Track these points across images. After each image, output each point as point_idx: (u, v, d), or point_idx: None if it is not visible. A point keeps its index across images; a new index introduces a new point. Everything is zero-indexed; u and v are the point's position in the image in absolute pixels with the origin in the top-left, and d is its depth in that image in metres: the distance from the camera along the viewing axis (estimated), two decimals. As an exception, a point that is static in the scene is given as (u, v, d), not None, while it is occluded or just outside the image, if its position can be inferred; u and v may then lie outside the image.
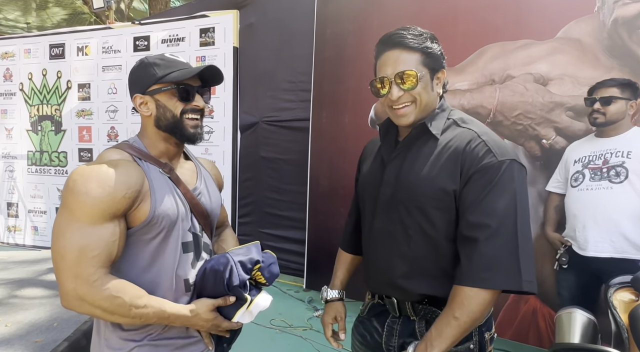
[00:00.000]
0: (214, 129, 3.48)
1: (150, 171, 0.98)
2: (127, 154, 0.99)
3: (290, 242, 3.46)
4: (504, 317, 2.25)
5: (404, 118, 1.03)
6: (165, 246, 0.98)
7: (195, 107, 1.02)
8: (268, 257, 1.08)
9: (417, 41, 0.99)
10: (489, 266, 0.91)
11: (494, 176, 0.93)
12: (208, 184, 1.13)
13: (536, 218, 2.16)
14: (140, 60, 1.04)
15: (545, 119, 2.13)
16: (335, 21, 2.92)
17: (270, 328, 2.84)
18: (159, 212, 0.95)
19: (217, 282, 0.99)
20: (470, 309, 0.92)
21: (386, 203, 1.08)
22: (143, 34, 3.68)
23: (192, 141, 1.03)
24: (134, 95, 1.01)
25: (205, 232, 1.09)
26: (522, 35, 2.22)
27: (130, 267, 0.96)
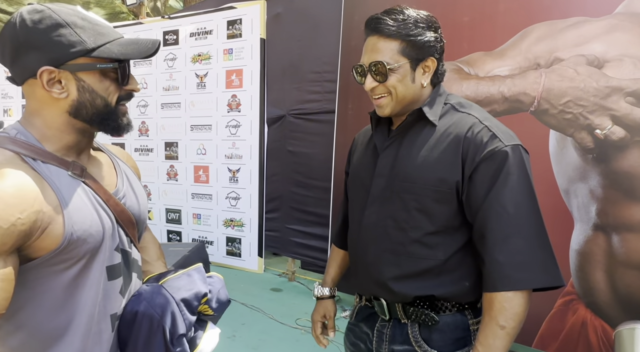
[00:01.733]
0: (241, 123, 3.44)
1: (53, 176, 0.68)
2: (10, 154, 0.67)
3: (316, 239, 3.36)
4: (547, 329, 2.03)
5: (381, 109, 0.98)
6: (85, 276, 0.71)
7: (132, 91, 0.77)
8: (215, 283, 0.88)
9: (397, 28, 0.92)
10: (520, 265, 0.85)
11: (503, 163, 0.87)
12: (131, 180, 0.86)
13: (587, 219, 1.92)
14: (39, 9, 0.69)
15: (600, 107, 1.88)
16: (364, 7, 2.77)
17: (296, 328, 2.76)
18: (77, 235, 0.68)
19: (152, 333, 0.75)
20: (514, 312, 0.85)
21: (379, 195, 0.99)
22: (172, 28, 3.69)
23: (124, 132, 0.78)
24: (40, 68, 0.67)
25: (133, 245, 0.83)
26: (573, 12, 1.97)
27: (35, 310, 0.68)
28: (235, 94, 3.45)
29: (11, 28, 0.69)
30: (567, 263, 1.97)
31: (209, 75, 3.55)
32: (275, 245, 3.74)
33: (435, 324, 0.95)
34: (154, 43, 0.75)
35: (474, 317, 0.97)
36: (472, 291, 0.95)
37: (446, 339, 0.95)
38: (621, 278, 1.84)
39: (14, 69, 0.71)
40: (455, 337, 0.95)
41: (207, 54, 3.55)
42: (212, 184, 3.61)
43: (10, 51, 0.69)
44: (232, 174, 3.51)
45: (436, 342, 0.95)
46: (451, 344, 0.95)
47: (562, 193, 1.99)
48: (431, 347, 0.95)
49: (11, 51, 0.69)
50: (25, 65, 0.69)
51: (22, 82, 0.71)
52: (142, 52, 0.73)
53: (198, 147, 3.65)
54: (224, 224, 3.58)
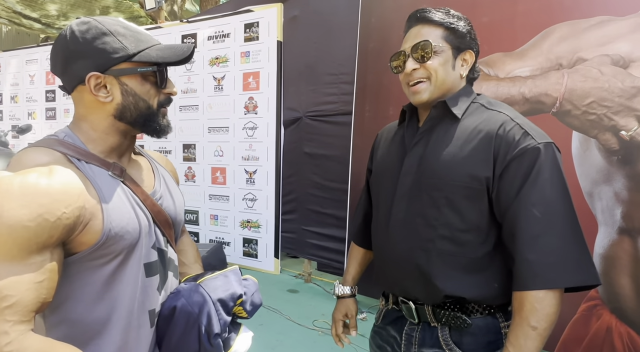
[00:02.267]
0: (258, 125, 3.46)
1: (95, 176, 0.73)
2: (58, 154, 0.71)
3: (333, 241, 3.36)
4: (570, 334, 1.99)
5: (418, 95, 0.97)
6: (123, 272, 0.74)
7: (170, 94, 0.81)
8: (250, 286, 0.89)
9: (441, 16, 0.96)
10: (552, 264, 0.83)
11: (535, 161, 0.85)
12: (168, 183, 0.90)
13: (612, 222, 1.88)
14: (85, 21, 0.74)
15: (625, 107, 1.84)
16: (381, 10, 2.76)
17: (313, 330, 2.76)
18: (115, 231, 0.71)
19: (188, 329, 0.77)
20: (545, 313, 0.83)
21: (406, 193, 0.98)
22: (190, 31, 3.75)
23: (164, 134, 0.81)
24: (88, 74, 0.72)
25: (170, 245, 0.86)
26: (596, 11, 1.93)
27: (76, 304, 0.71)
28: (252, 96, 3.48)
29: (62, 40, 0.74)
30: (591, 267, 1.93)
31: (226, 78, 3.59)
32: (291, 246, 3.75)
33: (468, 327, 0.93)
34: (188, 47, 0.79)
35: (505, 320, 0.96)
36: (502, 293, 0.93)
37: (478, 342, 0.93)
38: (648, 283, 1.80)
39: (65, 78, 0.76)
40: (487, 341, 0.94)
41: (224, 56, 3.59)
42: (229, 185, 3.64)
43: (61, 61, 0.75)
44: (249, 175, 3.53)
45: (467, 345, 0.94)
46: (483, 348, 0.93)
47: (586, 196, 1.95)
48: (462, 351, 0.94)
49: (62, 61, 0.75)
50: (75, 73, 0.74)
51: (72, 89, 0.76)
52: (177, 56, 0.77)
53: (215, 149, 3.69)
54: (241, 225, 3.61)
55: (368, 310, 3.03)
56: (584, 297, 1.95)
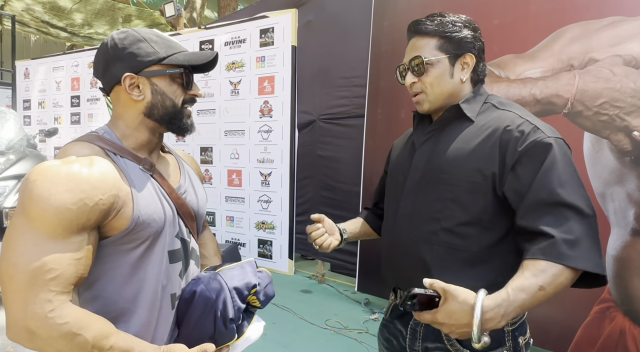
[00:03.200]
0: (273, 128, 3.53)
1: (128, 169, 0.82)
2: (97, 148, 0.80)
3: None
4: (583, 337, 1.97)
5: (419, 106, 1.03)
6: (149, 257, 0.82)
7: (195, 96, 0.89)
8: (264, 278, 0.95)
9: (434, 26, 0.98)
10: (572, 243, 0.83)
11: (547, 153, 0.87)
12: (193, 180, 0.98)
13: (625, 223, 1.86)
14: (124, 31, 0.86)
15: (638, 107, 1.82)
16: (393, 13, 2.80)
17: (325, 329, 2.79)
18: (143, 219, 0.79)
19: (206, 312, 0.84)
20: (558, 282, 0.83)
21: (414, 187, 1.02)
22: (208, 37, 3.86)
23: (187, 133, 0.89)
24: (123, 75, 0.82)
25: (193, 236, 0.94)
26: (608, 12, 1.92)
27: (108, 283, 0.80)
28: (267, 100, 3.55)
29: (104, 47, 0.86)
30: (604, 269, 1.91)
31: (242, 83, 3.67)
32: (305, 248, 3.79)
33: None
34: (212, 53, 0.88)
35: None
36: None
37: None
38: (663, 286, 1.77)
39: (105, 79, 0.86)
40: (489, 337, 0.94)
41: (240, 61, 3.68)
42: (244, 187, 3.72)
43: (102, 65, 0.85)
44: (264, 177, 3.60)
45: (469, 341, 0.93)
46: None
47: (598, 197, 1.93)
48: (463, 347, 0.95)
49: (103, 65, 0.85)
50: (113, 74, 0.84)
51: (110, 89, 0.86)
52: (202, 59, 0.86)
53: (232, 151, 3.78)
54: (256, 227, 3.68)
55: (380, 311, 3.04)
56: (596, 299, 1.93)
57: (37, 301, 0.68)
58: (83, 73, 4.61)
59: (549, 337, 2.05)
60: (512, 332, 0.97)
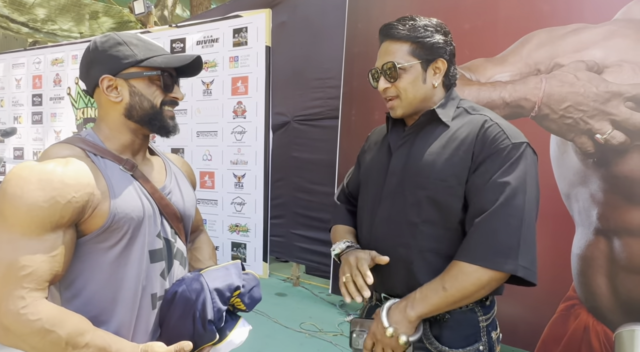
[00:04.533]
0: (247, 129, 3.48)
1: (107, 168, 0.83)
2: (78, 150, 0.83)
3: (321, 244, 3.38)
4: (549, 334, 2.03)
5: (393, 111, 1.04)
6: (128, 255, 0.83)
7: (175, 99, 0.90)
8: (250, 280, 0.94)
9: (407, 31, 0.99)
10: (488, 244, 0.89)
11: (506, 158, 0.91)
12: (180, 181, 0.99)
13: (588, 223, 1.93)
14: (107, 35, 0.89)
15: (600, 111, 1.90)
16: (367, 15, 2.81)
17: (300, 332, 2.77)
18: (120, 215, 0.80)
19: (185, 313, 0.84)
20: (462, 285, 0.90)
21: (391, 192, 1.02)
22: (179, 36, 3.76)
23: (170, 133, 0.90)
24: (101, 77, 0.84)
25: (179, 237, 0.94)
26: (573, 19, 1.99)
27: (87, 282, 0.80)
28: (241, 101, 3.49)
29: (87, 50, 0.88)
30: (569, 268, 1.98)
31: (215, 83, 3.60)
32: (280, 250, 3.76)
33: (447, 321, 0.96)
34: (191, 56, 0.89)
35: (484, 313, 0.99)
36: None
37: (456, 335, 0.97)
38: (623, 283, 1.84)
39: (87, 81, 0.88)
40: (466, 334, 0.97)
41: (213, 61, 3.61)
42: (217, 189, 3.64)
43: (85, 67, 0.88)
44: (238, 179, 3.54)
45: (447, 339, 0.97)
46: (461, 340, 0.97)
47: (563, 197, 2.00)
48: (442, 344, 0.97)
49: (85, 67, 0.88)
50: (93, 76, 0.86)
51: (92, 91, 0.89)
52: (180, 61, 0.87)
53: (204, 153, 3.70)
54: (229, 229, 3.61)
55: (355, 313, 3.05)
56: (562, 298, 2.00)
57: (10, 297, 0.69)
58: (46, 70, 4.40)
59: (518, 336, 2.10)
60: (486, 328, 0.99)
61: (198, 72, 0.94)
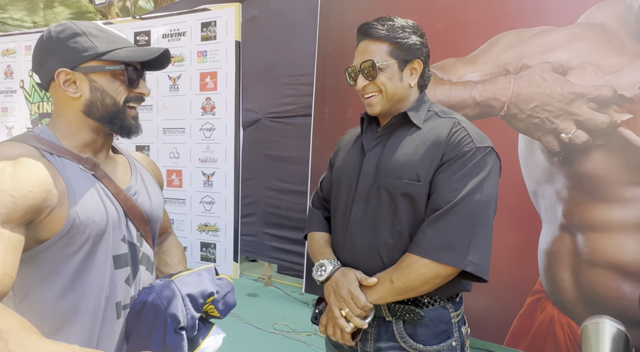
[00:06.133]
0: (216, 126, 3.38)
1: (65, 168, 0.76)
2: (31, 148, 0.75)
3: (293, 243, 3.35)
4: (518, 327, 2.09)
5: (371, 108, 1.04)
6: (91, 262, 0.76)
7: (141, 95, 0.83)
8: (224, 286, 0.90)
9: (386, 31, 1.01)
10: (435, 239, 0.92)
11: (468, 161, 0.94)
12: (146, 181, 0.93)
13: (554, 219, 2.00)
14: (63, 24, 0.81)
15: (565, 111, 1.97)
16: (340, 12, 2.79)
17: (273, 333, 2.73)
18: (81, 219, 0.74)
19: (156, 322, 0.78)
20: (407, 278, 0.93)
21: (365, 193, 1.03)
22: (144, 29, 3.60)
23: (132, 134, 0.83)
24: (57, 70, 0.77)
25: (145, 240, 0.88)
26: (539, 21, 2.05)
27: (44, 292, 0.73)
28: (210, 97, 3.39)
29: (40, 40, 0.81)
30: (536, 262, 2.05)
31: (182, 78, 3.48)
32: (251, 250, 3.69)
33: (421, 320, 0.98)
34: (159, 49, 0.82)
35: (455, 310, 1.03)
36: (452, 284, 0.98)
37: (430, 333, 0.99)
38: (585, 276, 1.93)
39: (41, 74, 0.81)
40: (439, 331, 0.99)
41: (180, 55, 3.48)
42: (185, 188, 3.53)
43: (38, 59, 0.81)
44: (207, 178, 3.44)
45: (421, 336, 0.99)
46: (435, 337, 0.99)
47: (531, 195, 2.06)
48: (416, 342, 0.98)
49: (39, 59, 0.81)
50: (48, 69, 0.79)
51: (47, 85, 0.81)
52: (146, 56, 0.80)
53: (171, 150, 3.57)
54: (198, 229, 3.51)
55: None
56: (529, 292, 2.07)
57: None
58: (-4, 62, 4.11)
59: (488, 330, 2.16)
60: (457, 324, 1.02)
61: (166, 65, 0.87)
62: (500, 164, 1.01)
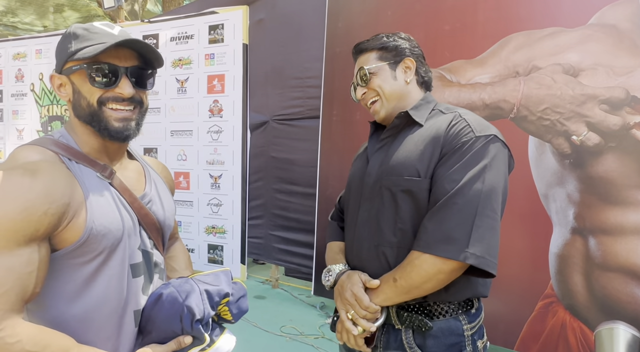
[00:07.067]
0: (223, 129, 3.39)
1: (83, 175, 0.76)
2: (50, 153, 0.75)
3: (300, 246, 3.34)
4: (528, 331, 2.07)
5: (376, 114, 1.08)
6: (105, 271, 0.76)
7: (118, 95, 0.78)
8: (238, 290, 0.92)
9: (371, 43, 1.08)
10: (435, 232, 0.89)
11: (467, 151, 0.90)
12: (159, 189, 0.93)
13: (565, 222, 1.98)
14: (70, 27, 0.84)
15: (576, 113, 1.95)
16: (348, 14, 2.79)
17: (280, 336, 2.72)
18: (97, 230, 0.73)
19: (172, 314, 0.80)
20: (410, 276, 0.90)
21: (369, 193, 1.03)
22: (152, 32, 3.62)
23: (117, 138, 0.79)
24: (50, 75, 0.80)
25: (157, 248, 0.89)
26: (549, 22, 2.03)
27: (56, 300, 0.74)
28: (217, 99, 3.41)
29: None
30: (547, 266, 2.02)
31: (190, 80, 3.49)
32: (258, 252, 3.69)
33: (429, 330, 0.94)
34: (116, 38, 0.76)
35: (469, 322, 0.98)
36: (462, 287, 0.95)
37: (440, 344, 0.95)
38: (597, 280, 1.90)
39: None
40: (450, 343, 0.95)
41: (188, 58, 3.50)
42: (193, 190, 3.54)
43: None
44: (214, 180, 3.45)
45: (430, 348, 0.95)
46: (445, 350, 0.95)
47: (541, 198, 2.04)
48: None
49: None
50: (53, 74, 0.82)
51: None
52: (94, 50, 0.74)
53: (178, 153, 3.58)
54: (206, 231, 3.52)
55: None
56: (540, 295, 2.04)
57: None
58: (7, 65, 4.15)
59: (498, 333, 2.13)
60: (471, 337, 0.98)
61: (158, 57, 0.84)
62: (510, 153, 0.97)
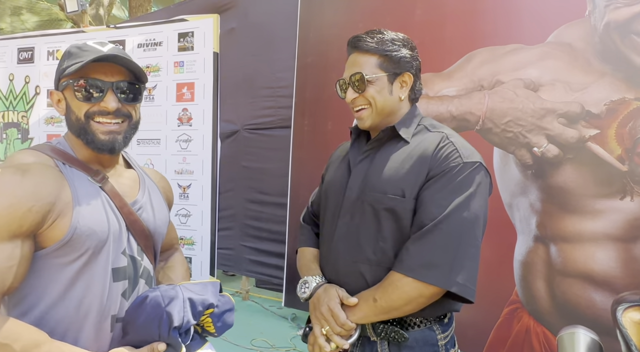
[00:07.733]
0: (193, 138, 3.32)
1: (75, 178, 0.80)
2: (45, 157, 0.80)
3: (271, 256, 3.30)
4: (495, 337, 2.12)
5: (361, 122, 1.03)
6: (88, 272, 0.78)
7: (104, 109, 0.82)
8: (225, 303, 0.91)
9: (375, 44, 0.99)
10: (418, 256, 0.89)
11: (455, 177, 0.91)
12: (153, 197, 0.95)
13: (528, 231, 2.06)
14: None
15: (537, 126, 2.04)
16: (319, 26, 2.82)
17: (251, 349, 2.67)
18: (82, 230, 0.76)
19: (152, 318, 0.80)
20: (390, 297, 0.90)
21: (350, 207, 1.01)
22: (118, 38, 3.52)
23: (104, 150, 0.83)
24: (50, 91, 0.88)
25: (146, 255, 0.91)
26: (511, 39, 2.14)
27: (39, 300, 0.76)
28: (187, 108, 3.34)
29: None
30: (512, 273, 2.09)
31: (158, 88, 3.41)
32: (228, 263, 3.62)
33: (405, 341, 0.95)
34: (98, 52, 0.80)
35: (442, 332, 0.99)
36: (438, 305, 0.96)
37: None
38: (558, 286, 1.98)
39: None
40: None
41: (156, 65, 3.42)
42: (160, 200, 3.45)
43: None
44: (183, 190, 3.37)
45: None
46: None
47: (506, 207, 2.12)
48: None
49: None
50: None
51: None
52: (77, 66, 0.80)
53: (145, 162, 3.47)
54: (174, 243, 3.42)
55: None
56: (506, 302, 2.10)
57: None
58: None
59: (466, 340, 2.18)
60: (445, 346, 0.99)
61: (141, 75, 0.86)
62: (491, 181, 0.98)
